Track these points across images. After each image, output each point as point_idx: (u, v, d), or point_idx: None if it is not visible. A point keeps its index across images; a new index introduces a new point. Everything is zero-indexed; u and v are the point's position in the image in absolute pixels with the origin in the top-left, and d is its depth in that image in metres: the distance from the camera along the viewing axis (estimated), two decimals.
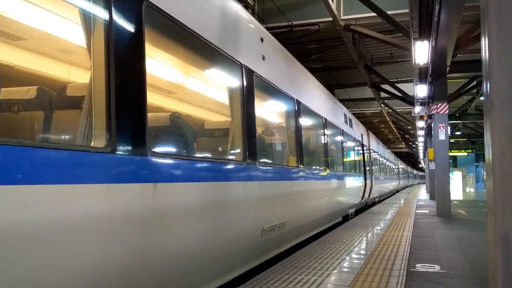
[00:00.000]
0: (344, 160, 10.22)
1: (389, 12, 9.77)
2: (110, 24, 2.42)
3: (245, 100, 4.25)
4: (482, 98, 15.40)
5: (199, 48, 3.57)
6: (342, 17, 10.82)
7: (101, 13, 2.43)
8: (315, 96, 7.59)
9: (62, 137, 2.78)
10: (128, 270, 2.50)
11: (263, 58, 4.92)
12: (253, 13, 10.68)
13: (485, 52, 2.68)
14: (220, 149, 4.38)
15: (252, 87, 4.44)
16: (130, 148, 2.48)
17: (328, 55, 14.60)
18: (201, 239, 3.33)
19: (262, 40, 5.00)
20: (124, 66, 2.51)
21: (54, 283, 2.04)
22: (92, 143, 2.36)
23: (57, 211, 2.00)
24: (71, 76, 3.00)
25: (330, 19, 10.47)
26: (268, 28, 7.28)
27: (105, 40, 2.41)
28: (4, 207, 1.75)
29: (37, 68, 2.95)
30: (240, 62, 4.18)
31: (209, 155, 4.32)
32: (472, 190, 34.03)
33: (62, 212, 2.02)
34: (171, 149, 3.58)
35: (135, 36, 2.62)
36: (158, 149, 2.95)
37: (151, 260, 2.69)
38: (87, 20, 2.48)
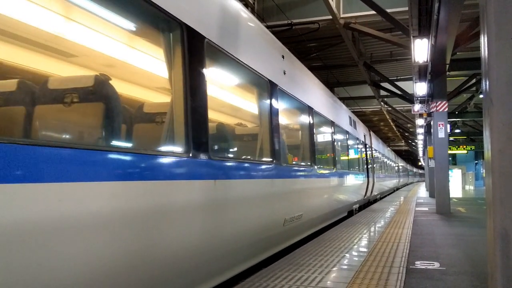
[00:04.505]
0: (350, 159, 10.93)
1: (388, 10, 9.77)
2: (184, 58, 3.12)
3: (272, 110, 5.03)
4: (481, 96, 15.39)
5: (239, 70, 4.36)
6: (342, 15, 10.82)
7: (179, 50, 3.11)
8: (325, 102, 8.37)
9: (153, 145, 3.35)
10: (200, 247, 3.28)
11: (284, 73, 5.67)
12: (252, 12, 10.67)
13: (484, 50, 2.69)
14: (255, 152, 4.98)
15: (277, 98, 5.21)
16: (200, 153, 3.21)
17: (327, 53, 14.60)
18: (246, 225, 4.11)
19: (283, 57, 5.78)
20: (195, 90, 3.21)
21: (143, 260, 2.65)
22: (173, 150, 3.11)
23: (157, 201, 2.70)
24: (147, 96, 3.45)
25: (330, 17, 10.47)
26: (268, 27, 7.29)
27: (182, 70, 3.10)
28: (126, 196, 2.41)
29: (134, 94, 3.39)
30: (268, 79, 4.94)
31: (249, 157, 4.96)
32: (472, 187, 34.04)
33: (162, 201, 2.75)
34: (224, 153, 4.25)
35: (201, 65, 3.33)
36: (215, 154, 3.66)
37: (212, 239, 3.45)
38: (168, 54, 3.12)
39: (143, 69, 3.25)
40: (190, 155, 3.07)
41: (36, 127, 2.43)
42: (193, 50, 3.20)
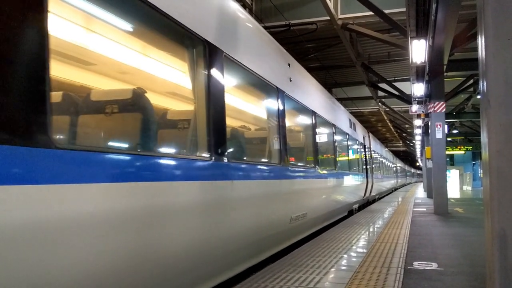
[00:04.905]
0: (350, 161, 11.31)
1: (386, 11, 9.79)
2: (207, 71, 3.49)
3: (279, 115, 5.40)
4: (479, 97, 15.39)
5: (251, 79, 4.72)
6: (340, 16, 10.83)
7: (201, 64, 3.48)
8: (326, 106, 8.77)
9: (182, 150, 3.65)
10: (219, 240, 3.62)
11: (290, 80, 6.04)
12: (250, 13, 10.67)
13: (481, 51, 2.69)
14: (265, 154, 5.30)
15: (284, 104, 5.59)
16: (220, 156, 3.58)
17: (325, 54, 14.61)
18: (258, 222, 4.49)
19: (289, 65, 6.16)
20: (216, 100, 3.58)
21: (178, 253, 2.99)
22: (198, 154, 3.44)
23: (182, 199, 3.04)
24: (176, 106, 3.78)
25: (328, 18, 10.48)
26: (265, 28, 7.31)
27: (205, 82, 3.46)
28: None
29: (165, 104, 3.73)
30: (275, 86, 5.33)
31: (259, 159, 5.27)
32: (469, 188, 34.11)
33: (186, 199, 3.09)
34: (239, 156, 4.51)
35: (220, 77, 3.69)
36: (232, 157, 3.95)
37: (229, 232, 3.79)
38: (193, 68, 3.49)
39: (172, 81, 3.60)
40: (213, 158, 3.47)
41: (102, 135, 2.87)
42: (213, 64, 3.58)
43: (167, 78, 3.56)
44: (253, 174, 4.42)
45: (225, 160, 3.69)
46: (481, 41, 2.70)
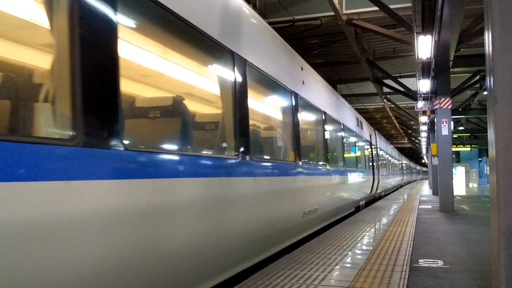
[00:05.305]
0: (357, 158, 11.68)
1: (391, 6, 9.71)
2: (234, 78, 3.96)
3: (293, 116, 5.86)
4: (485, 93, 15.26)
5: (269, 84, 5.14)
6: (344, 12, 10.76)
7: (230, 72, 3.95)
8: (335, 106, 9.16)
9: (214, 150, 4.02)
10: (246, 231, 4.07)
11: (303, 83, 6.47)
12: (254, 8, 10.63)
13: (488, 46, 2.65)
14: (282, 153, 5.69)
15: (298, 106, 6.05)
16: (244, 155, 4.00)
17: (330, 50, 14.54)
18: (276, 215, 4.86)
19: (302, 69, 6.62)
20: (241, 104, 4.04)
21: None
22: (227, 153, 3.86)
23: (222, 193, 3.53)
24: (209, 111, 4.24)
25: (332, 13, 10.42)
26: (269, 23, 7.28)
27: (232, 88, 3.93)
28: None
29: (200, 110, 4.12)
30: (290, 89, 5.78)
31: (277, 157, 5.61)
32: (475, 185, 33.92)
33: (225, 193, 3.58)
34: (260, 155, 4.82)
35: (244, 84, 4.15)
36: (254, 155, 4.31)
37: (252, 224, 4.20)
38: (223, 76, 3.93)
39: (205, 88, 3.99)
40: (239, 157, 3.89)
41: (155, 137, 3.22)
42: (238, 71, 4.04)
43: (206, 86, 3.98)
44: (272, 171, 4.83)
45: (249, 158, 4.08)
46: (488, 37, 2.66)
